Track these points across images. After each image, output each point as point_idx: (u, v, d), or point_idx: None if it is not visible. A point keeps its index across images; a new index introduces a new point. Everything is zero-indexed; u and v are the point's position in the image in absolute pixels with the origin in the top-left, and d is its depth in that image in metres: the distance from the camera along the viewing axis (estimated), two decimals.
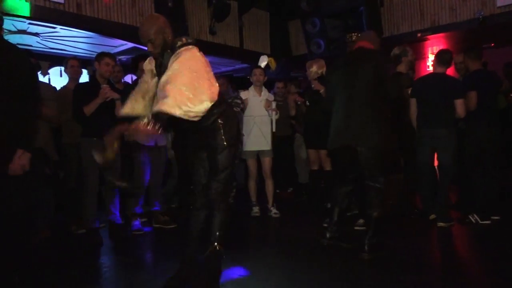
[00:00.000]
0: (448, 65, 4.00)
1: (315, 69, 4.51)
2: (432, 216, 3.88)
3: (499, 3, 5.58)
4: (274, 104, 4.62)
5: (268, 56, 5.90)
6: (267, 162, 4.62)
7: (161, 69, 2.43)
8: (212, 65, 7.84)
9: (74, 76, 4.29)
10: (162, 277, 2.62)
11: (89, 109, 3.64)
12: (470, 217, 3.79)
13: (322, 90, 4.16)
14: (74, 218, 4.13)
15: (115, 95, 3.68)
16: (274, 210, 4.58)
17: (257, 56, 7.29)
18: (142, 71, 3.97)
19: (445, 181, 3.87)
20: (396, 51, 4.34)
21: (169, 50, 2.39)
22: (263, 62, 5.07)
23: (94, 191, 3.82)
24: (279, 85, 5.73)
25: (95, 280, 2.84)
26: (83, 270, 3.04)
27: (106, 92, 3.62)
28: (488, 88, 3.88)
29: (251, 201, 4.67)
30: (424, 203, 4.08)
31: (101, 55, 3.86)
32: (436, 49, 7.47)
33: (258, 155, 4.64)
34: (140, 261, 3.32)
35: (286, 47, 7.70)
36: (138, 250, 3.61)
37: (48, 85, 4.01)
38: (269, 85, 5.50)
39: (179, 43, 2.39)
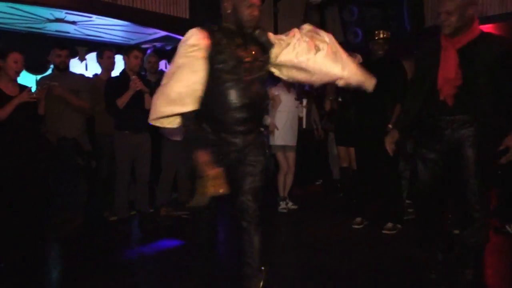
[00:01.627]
0: None
1: (359, 59, 4.37)
2: None
3: None
4: (304, 101, 4.55)
5: None
6: (291, 157, 4.64)
7: None
8: None
9: (109, 67, 4.35)
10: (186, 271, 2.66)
11: (122, 101, 3.69)
12: (507, 227, 3.60)
13: None
14: (107, 206, 4.28)
15: (144, 88, 3.70)
16: (289, 203, 4.60)
17: None
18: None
19: None
20: None
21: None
22: None
23: (125, 182, 3.92)
24: None
25: (121, 270, 2.93)
26: (111, 259, 3.16)
27: (136, 83, 3.65)
28: None
29: (279, 196, 4.66)
30: None
31: (130, 49, 3.89)
32: None
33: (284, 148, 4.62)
34: (166, 252, 3.39)
35: None
36: (166, 240, 3.70)
37: (82, 76, 4.12)
38: None
39: None
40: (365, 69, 3.78)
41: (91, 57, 6.49)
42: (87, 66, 6.41)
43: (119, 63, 4.40)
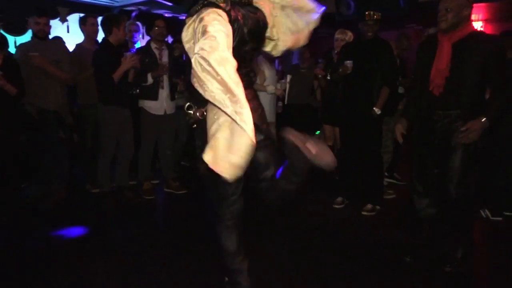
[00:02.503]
0: None
1: (349, 37, 4.29)
2: None
3: None
4: (288, 77, 4.47)
5: None
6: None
7: None
8: None
9: (92, 35, 4.18)
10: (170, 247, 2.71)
11: (118, 76, 3.61)
12: (481, 212, 3.72)
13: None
14: (89, 178, 4.26)
15: (137, 65, 3.64)
16: None
17: None
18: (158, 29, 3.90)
19: None
20: (431, 30, 4.07)
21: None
22: None
23: (110, 157, 3.89)
24: (301, 50, 5.46)
25: (107, 247, 2.97)
26: (96, 235, 3.19)
27: (134, 60, 3.60)
28: None
29: None
30: None
31: (119, 19, 3.72)
32: (474, 17, 6.99)
33: None
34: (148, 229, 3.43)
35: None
36: (147, 216, 3.73)
37: (63, 46, 3.94)
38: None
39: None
40: (353, 48, 3.77)
41: (73, 18, 6.23)
42: (68, 28, 6.17)
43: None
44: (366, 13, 3.63)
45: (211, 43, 1.53)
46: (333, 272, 2.71)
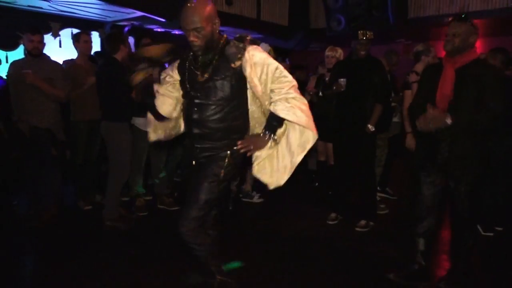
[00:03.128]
0: None
1: (339, 54, 4.35)
2: None
3: None
4: None
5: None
6: None
7: (204, 68, 2.14)
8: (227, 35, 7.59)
9: (86, 52, 4.18)
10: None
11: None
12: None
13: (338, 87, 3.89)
14: (81, 195, 4.22)
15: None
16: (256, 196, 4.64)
17: (274, 28, 7.06)
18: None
19: None
20: (419, 47, 4.14)
21: (236, 41, 2.11)
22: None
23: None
24: (284, 64, 5.49)
25: (99, 263, 2.93)
26: (88, 252, 3.15)
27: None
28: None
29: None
30: None
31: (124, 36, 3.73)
32: None
33: None
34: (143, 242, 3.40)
35: (304, 19, 7.38)
36: (140, 233, 3.69)
37: (56, 63, 3.91)
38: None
39: (227, 41, 2.13)
40: (346, 66, 3.82)
41: (65, 33, 6.23)
42: (60, 43, 6.15)
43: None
44: (360, 32, 3.69)
45: None
46: (325, 287, 2.72)
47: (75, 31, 6.30)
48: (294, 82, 2.14)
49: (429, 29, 6.65)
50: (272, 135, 2.17)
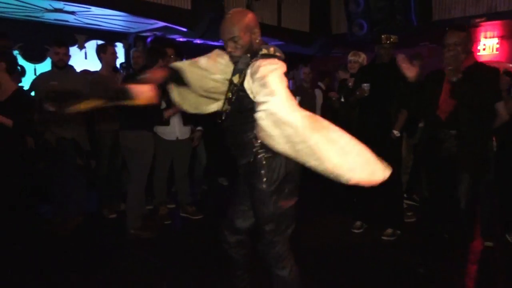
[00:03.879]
0: None
1: (363, 59, 4.28)
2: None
3: None
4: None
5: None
6: None
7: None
8: None
9: (112, 63, 4.27)
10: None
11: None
12: (507, 236, 3.60)
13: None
14: (106, 203, 4.28)
15: None
16: None
17: (295, 34, 7.05)
18: (171, 58, 3.94)
19: None
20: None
21: (248, 55, 1.95)
22: None
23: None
24: (305, 70, 5.46)
25: (122, 271, 2.94)
26: (112, 260, 3.18)
27: None
28: None
29: None
30: None
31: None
32: (490, 35, 6.93)
33: None
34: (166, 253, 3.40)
35: (326, 25, 7.33)
36: (164, 241, 3.70)
37: (82, 75, 4.02)
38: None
39: (264, 51, 1.94)
40: (369, 71, 3.75)
41: (91, 45, 6.39)
42: (86, 54, 6.31)
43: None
44: (383, 36, 3.62)
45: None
46: None
47: (100, 42, 6.51)
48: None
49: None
50: None
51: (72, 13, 5.06)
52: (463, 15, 5.90)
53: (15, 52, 5.27)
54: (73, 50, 5.95)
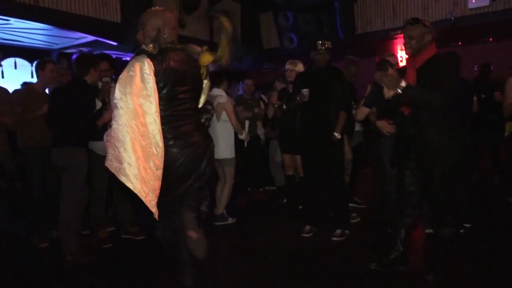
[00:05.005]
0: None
1: (300, 67, 4.38)
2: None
3: (470, 5, 5.64)
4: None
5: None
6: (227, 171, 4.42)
7: None
8: None
9: (50, 81, 3.95)
10: None
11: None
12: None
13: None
14: (36, 231, 3.85)
15: None
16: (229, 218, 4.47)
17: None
18: (102, 72, 3.78)
19: None
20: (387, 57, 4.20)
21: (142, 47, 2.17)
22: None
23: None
24: (249, 82, 5.52)
25: None
26: None
27: None
28: (465, 95, 3.86)
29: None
30: None
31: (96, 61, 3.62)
32: None
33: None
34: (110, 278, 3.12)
35: (257, 40, 7.50)
36: (106, 267, 3.40)
37: (2, 90, 3.64)
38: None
39: (143, 47, 2.16)
40: (307, 77, 3.85)
41: (8, 63, 5.88)
42: (3, 73, 5.78)
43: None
44: (318, 42, 3.75)
45: None
46: None
47: (19, 60, 6.01)
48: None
49: (376, 43, 6.96)
50: None
51: None
52: (383, 28, 6.37)
53: None
54: None
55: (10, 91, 4.09)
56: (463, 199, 3.87)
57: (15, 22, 4.50)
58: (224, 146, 4.34)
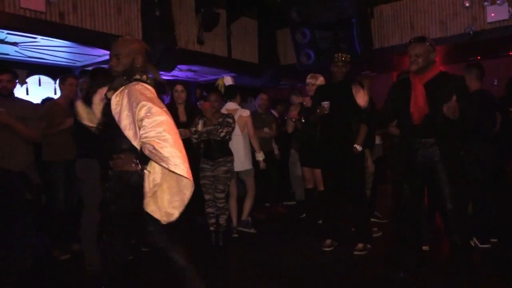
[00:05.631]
0: None
1: (320, 81, 4.41)
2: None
3: (489, 19, 5.61)
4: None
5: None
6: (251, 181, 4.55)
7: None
8: (198, 73, 7.58)
9: (70, 94, 4.06)
10: None
11: None
12: (470, 241, 3.72)
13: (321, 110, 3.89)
14: (58, 243, 3.88)
15: None
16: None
17: (245, 66, 7.19)
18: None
19: None
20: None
21: (125, 77, 2.33)
22: (228, 82, 4.83)
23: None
24: (263, 97, 5.55)
25: None
26: None
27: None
28: (489, 107, 3.80)
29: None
30: None
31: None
32: None
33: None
34: None
35: (274, 56, 7.56)
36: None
37: (29, 103, 3.74)
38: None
39: (138, 76, 2.34)
40: (327, 90, 3.86)
41: (33, 80, 6.05)
42: (28, 90, 5.94)
43: None
44: (335, 54, 3.78)
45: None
46: None
47: (43, 77, 6.18)
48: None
49: (393, 58, 6.97)
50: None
51: (15, 44, 4.76)
52: (400, 42, 6.36)
53: None
54: None
55: None
56: (489, 212, 3.78)
57: (41, 40, 4.64)
58: (245, 158, 4.42)
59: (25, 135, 3.42)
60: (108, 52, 5.28)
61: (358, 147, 3.68)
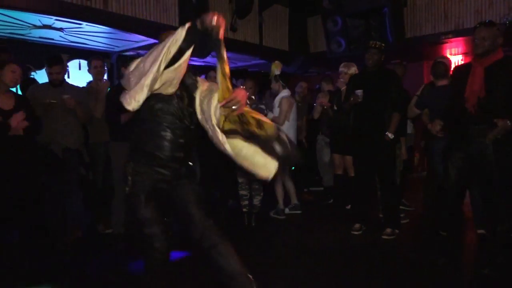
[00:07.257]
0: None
1: (353, 71, 4.49)
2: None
3: None
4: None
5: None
6: None
7: None
8: (230, 60, 7.73)
9: (97, 76, 4.27)
10: None
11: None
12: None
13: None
14: (101, 218, 4.16)
15: None
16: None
17: (275, 53, 7.27)
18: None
19: None
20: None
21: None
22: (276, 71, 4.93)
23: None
24: (303, 85, 5.67)
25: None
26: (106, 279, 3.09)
27: None
28: None
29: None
30: None
31: None
32: (455, 51, 7.44)
33: None
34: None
35: (304, 44, 7.62)
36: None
37: (81, 89, 4.06)
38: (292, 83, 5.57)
39: None
40: (361, 79, 3.95)
41: (73, 64, 6.33)
42: (69, 74, 6.22)
43: None
44: (370, 42, 3.87)
45: None
46: None
47: (83, 62, 6.45)
48: None
49: (425, 47, 6.91)
50: None
51: (60, 29, 5.01)
52: (433, 32, 6.32)
53: None
54: None
55: None
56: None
57: (86, 26, 4.87)
58: None
59: (81, 118, 3.74)
60: (145, 38, 5.53)
61: (390, 135, 3.77)
